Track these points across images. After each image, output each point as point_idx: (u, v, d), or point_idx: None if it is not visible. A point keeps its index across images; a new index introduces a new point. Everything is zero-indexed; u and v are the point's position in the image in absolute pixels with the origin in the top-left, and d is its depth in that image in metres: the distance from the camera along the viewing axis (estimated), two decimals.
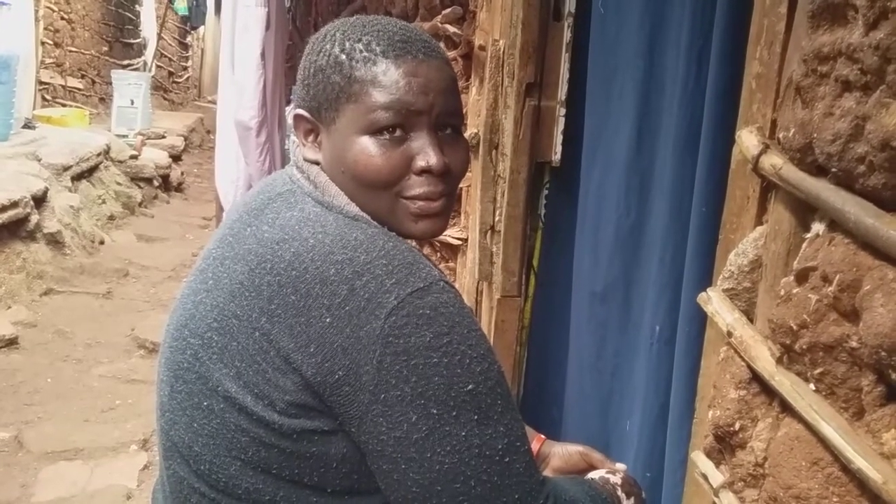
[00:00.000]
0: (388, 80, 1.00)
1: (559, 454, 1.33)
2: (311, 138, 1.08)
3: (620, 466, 1.28)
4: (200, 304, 1.04)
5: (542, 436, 1.37)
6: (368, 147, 1.01)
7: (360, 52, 1.00)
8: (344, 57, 1.01)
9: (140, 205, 7.61)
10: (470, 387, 0.93)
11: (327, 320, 0.92)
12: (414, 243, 1.08)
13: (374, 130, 1.00)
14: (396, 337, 0.91)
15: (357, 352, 0.91)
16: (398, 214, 1.05)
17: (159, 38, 13.33)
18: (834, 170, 0.95)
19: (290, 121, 1.13)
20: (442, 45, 2.86)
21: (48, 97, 9.19)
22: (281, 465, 0.98)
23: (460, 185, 2.66)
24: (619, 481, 1.21)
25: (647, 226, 1.88)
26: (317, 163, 1.07)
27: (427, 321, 0.92)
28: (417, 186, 1.03)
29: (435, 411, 0.92)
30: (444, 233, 2.70)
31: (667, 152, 1.77)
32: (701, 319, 1.54)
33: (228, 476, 1.00)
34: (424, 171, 1.02)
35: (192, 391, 1.02)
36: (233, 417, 0.98)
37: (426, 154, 1.02)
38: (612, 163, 2.00)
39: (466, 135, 2.50)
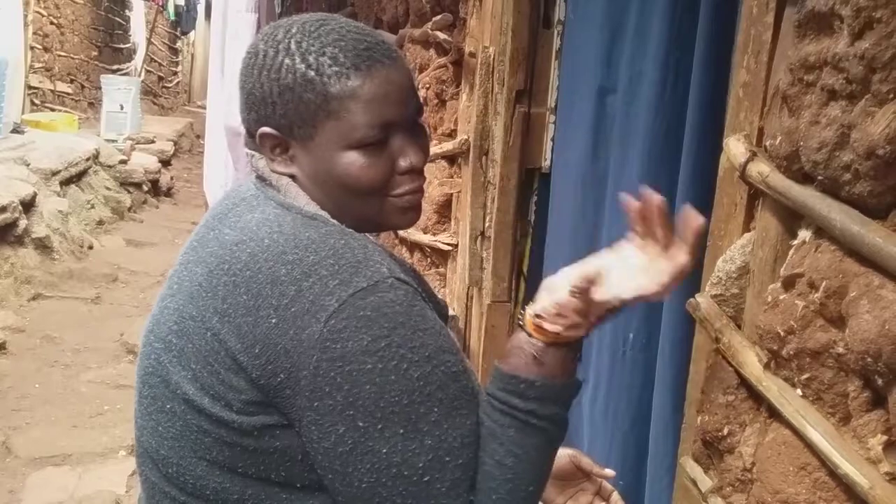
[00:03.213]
0: (366, 93, 1.00)
1: None
2: (277, 151, 1.07)
3: (609, 473, 1.27)
4: (165, 308, 1.05)
5: None
6: (357, 160, 1.01)
7: (329, 66, 1.00)
8: (313, 73, 1.00)
9: (129, 210, 7.57)
10: (402, 395, 0.91)
11: (273, 321, 0.92)
12: (395, 244, 1.08)
13: (360, 145, 1.01)
14: (334, 342, 0.90)
15: (298, 355, 0.91)
16: (387, 211, 1.06)
17: (149, 42, 13.29)
18: (820, 177, 0.95)
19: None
20: (432, 51, 2.87)
21: (37, 102, 9.13)
22: (246, 464, 0.97)
23: (451, 192, 2.68)
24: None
25: (613, 233, 1.88)
26: (290, 175, 1.06)
27: (367, 323, 0.91)
28: (405, 184, 1.05)
29: (361, 424, 0.91)
30: (435, 238, 2.72)
31: (635, 160, 1.78)
32: (685, 325, 1.55)
33: (195, 478, 1.00)
34: (409, 171, 1.05)
35: (156, 395, 1.03)
36: (194, 419, 0.98)
37: (408, 154, 1.04)
38: (574, 170, 2.01)
39: (457, 141, 2.51)
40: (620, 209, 1.78)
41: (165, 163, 9.26)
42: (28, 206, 5.48)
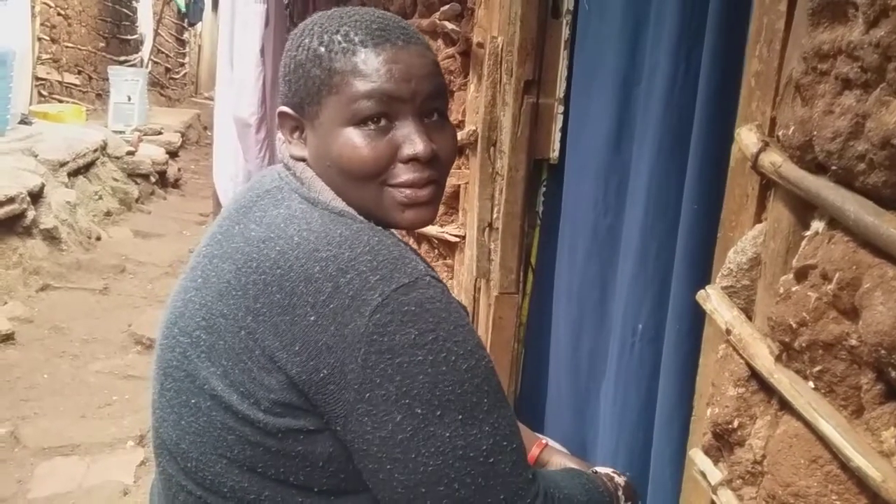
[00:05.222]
0: (368, 69, 0.98)
1: (558, 465, 1.31)
2: (296, 135, 1.06)
3: None
4: (190, 302, 1.04)
5: (544, 441, 1.35)
6: (353, 138, 0.99)
7: (339, 43, 0.99)
8: (323, 49, 1.00)
9: (137, 201, 7.60)
10: (455, 385, 0.92)
11: (312, 318, 0.92)
12: (405, 235, 1.08)
13: (358, 121, 0.99)
14: (381, 335, 0.90)
15: (342, 350, 0.91)
16: (385, 204, 1.03)
17: (156, 34, 13.30)
18: (834, 168, 0.94)
19: None
20: (440, 41, 2.86)
21: (45, 93, 9.17)
22: (266, 464, 0.97)
23: (458, 183, 2.67)
24: (623, 483, 1.21)
25: (626, 225, 1.87)
26: (303, 159, 1.05)
27: (412, 318, 0.91)
28: (404, 174, 1.01)
29: (419, 411, 0.91)
30: (443, 230, 2.71)
31: (648, 152, 1.77)
32: (690, 316, 1.54)
33: (214, 474, 0.99)
34: (411, 159, 1.00)
35: (180, 389, 1.02)
36: (219, 415, 0.97)
37: (412, 142, 1.00)
38: (591, 162, 2.00)
39: (465, 132, 2.50)
40: (640, 202, 1.78)
41: (173, 154, 9.29)
42: (36, 197, 5.50)
